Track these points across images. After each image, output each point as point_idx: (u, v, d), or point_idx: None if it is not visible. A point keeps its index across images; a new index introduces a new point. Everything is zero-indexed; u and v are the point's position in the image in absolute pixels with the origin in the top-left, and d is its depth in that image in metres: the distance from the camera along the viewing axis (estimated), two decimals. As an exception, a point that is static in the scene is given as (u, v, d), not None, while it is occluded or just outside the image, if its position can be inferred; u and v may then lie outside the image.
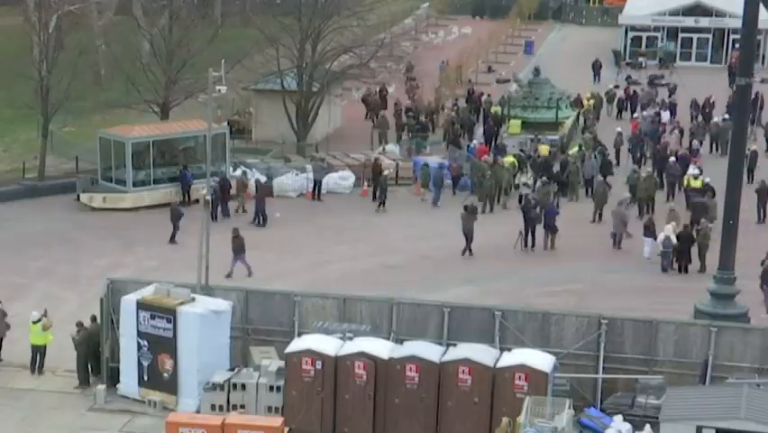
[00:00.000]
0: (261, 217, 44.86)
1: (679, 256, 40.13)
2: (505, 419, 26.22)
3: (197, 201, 42.62)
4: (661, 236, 40.37)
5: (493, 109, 60.81)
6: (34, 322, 31.56)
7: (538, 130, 55.74)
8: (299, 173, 50.09)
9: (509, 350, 28.47)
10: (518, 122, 56.52)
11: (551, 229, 42.08)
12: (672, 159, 49.85)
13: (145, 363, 29.79)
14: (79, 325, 31.22)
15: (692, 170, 48.38)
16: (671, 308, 34.86)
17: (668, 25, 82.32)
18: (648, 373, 28.75)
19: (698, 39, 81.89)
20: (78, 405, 29.78)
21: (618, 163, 52.95)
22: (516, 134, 55.78)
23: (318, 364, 27.96)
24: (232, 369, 29.45)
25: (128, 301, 29.93)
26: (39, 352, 31.59)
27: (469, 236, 41.26)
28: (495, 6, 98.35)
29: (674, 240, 40.04)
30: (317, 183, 49.03)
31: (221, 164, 48.50)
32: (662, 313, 32.52)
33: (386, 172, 48.57)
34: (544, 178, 47.78)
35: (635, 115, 61.14)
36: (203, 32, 56.06)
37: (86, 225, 44.46)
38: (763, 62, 77.93)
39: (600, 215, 45.20)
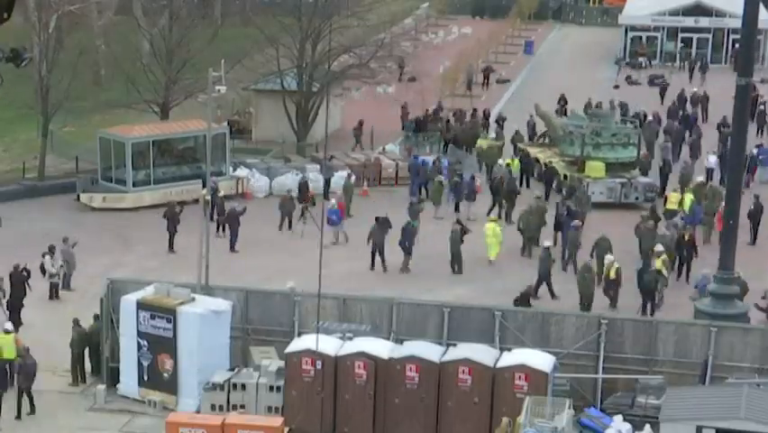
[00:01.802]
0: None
1: None
2: (505, 419, 26.22)
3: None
4: None
5: (484, 144, 53.64)
6: (6, 332, 30.58)
7: (617, 172, 48.17)
8: (299, 173, 50.08)
9: (509, 350, 28.48)
10: (601, 164, 47.94)
11: None
12: None
13: (145, 363, 29.79)
14: (75, 322, 31.32)
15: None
16: (671, 308, 34.88)
17: (668, 25, 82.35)
18: (648, 373, 28.77)
19: (698, 39, 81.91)
20: (78, 405, 29.78)
21: None
22: (601, 178, 47.53)
23: (318, 364, 27.98)
24: (232, 369, 29.46)
25: (128, 301, 29.93)
26: (10, 365, 30.04)
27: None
28: (495, 6, 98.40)
29: None
30: (327, 182, 48.82)
31: (221, 164, 48.54)
32: (662, 313, 32.60)
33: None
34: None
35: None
36: (203, 32, 56.03)
37: (86, 225, 44.43)
38: (762, 62, 77.92)
39: None
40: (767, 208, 43.61)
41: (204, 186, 33.60)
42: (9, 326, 31.08)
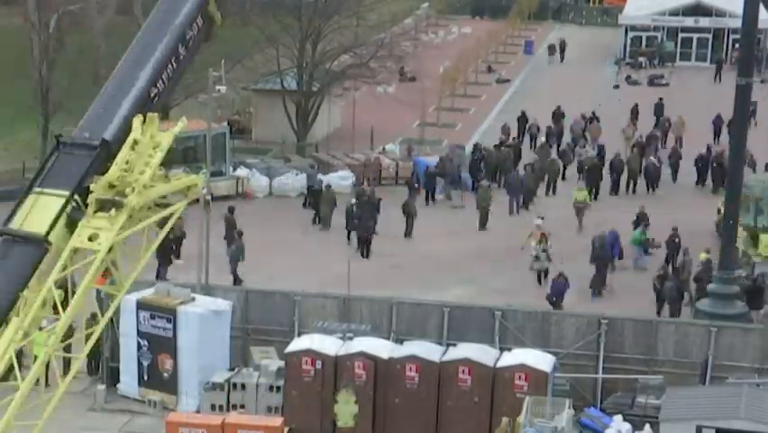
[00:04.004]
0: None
1: None
2: (505, 419, 26.24)
3: None
4: None
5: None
6: None
7: None
8: (299, 173, 50.07)
9: (509, 350, 28.48)
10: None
11: None
12: None
13: (145, 363, 29.79)
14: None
15: None
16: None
17: (668, 25, 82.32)
18: (648, 373, 28.77)
19: (698, 39, 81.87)
20: (78, 405, 29.73)
21: None
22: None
23: (318, 364, 27.97)
24: (232, 369, 29.46)
25: (128, 301, 29.89)
26: None
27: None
28: (495, 6, 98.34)
29: None
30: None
31: (221, 164, 48.51)
32: (661, 313, 32.59)
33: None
34: None
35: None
36: (203, 32, 55.89)
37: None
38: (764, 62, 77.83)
39: None
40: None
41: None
42: None
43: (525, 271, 39.49)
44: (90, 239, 16.41)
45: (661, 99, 61.61)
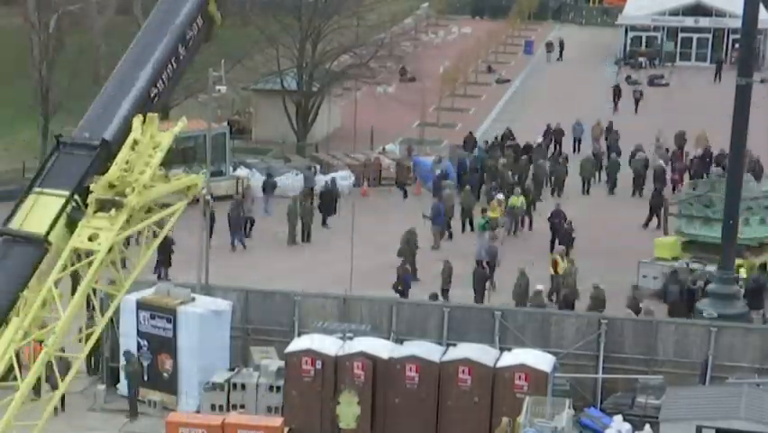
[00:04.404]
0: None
1: None
2: (505, 419, 26.24)
3: None
4: None
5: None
6: None
7: (706, 254, 36.30)
8: (299, 173, 50.07)
9: (509, 350, 28.49)
10: (674, 240, 37.64)
11: None
12: None
13: (145, 363, 29.78)
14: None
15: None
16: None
17: (668, 25, 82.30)
18: (648, 373, 28.78)
19: (698, 39, 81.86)
20: (78, 405, 29.75)
21: None
22: (665, 260, 36.90)
23: (318, 364, 27.98)
24: (232, 369, 29.47)
25: (128, 301, 29.89)
26: None
27: None
28: (495, 6, 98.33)
29: None
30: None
31: (221, 164, 48.50)
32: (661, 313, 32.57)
33: None
34: None
35: None
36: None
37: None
38: (763, 62, 77.82)
39: None
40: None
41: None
42: None
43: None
44: (90, 239, 16.45)
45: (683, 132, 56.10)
